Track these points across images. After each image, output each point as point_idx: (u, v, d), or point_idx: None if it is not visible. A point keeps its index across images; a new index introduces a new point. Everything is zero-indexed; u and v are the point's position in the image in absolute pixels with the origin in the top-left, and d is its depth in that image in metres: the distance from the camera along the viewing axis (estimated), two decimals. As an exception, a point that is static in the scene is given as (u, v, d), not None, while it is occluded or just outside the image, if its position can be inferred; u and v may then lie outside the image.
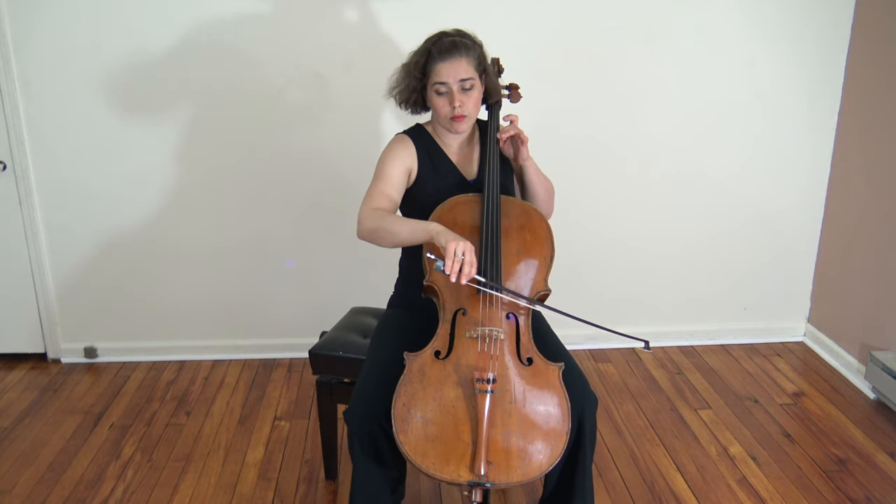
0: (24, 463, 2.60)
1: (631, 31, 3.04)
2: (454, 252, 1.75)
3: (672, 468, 2.56)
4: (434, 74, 2.03)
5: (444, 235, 1.81)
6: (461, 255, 1.76)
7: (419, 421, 1.78)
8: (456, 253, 1.75)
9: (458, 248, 1.76)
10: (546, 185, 2.20)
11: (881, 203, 3.00)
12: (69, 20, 2.89)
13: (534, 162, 2.15)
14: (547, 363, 1.88)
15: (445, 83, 2.02)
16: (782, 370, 3.23)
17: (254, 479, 2.52)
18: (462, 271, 1.76)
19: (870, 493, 2.43)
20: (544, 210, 2.23)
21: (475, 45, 2.07)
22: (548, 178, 2.22)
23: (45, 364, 3.30)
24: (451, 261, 1.75)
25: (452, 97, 2.03)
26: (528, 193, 2.20)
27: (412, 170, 2.13)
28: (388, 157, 2.12)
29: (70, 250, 3.18)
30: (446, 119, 2.08)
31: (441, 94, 2.04)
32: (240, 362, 3.31)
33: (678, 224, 3.31)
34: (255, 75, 2.99)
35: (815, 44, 3.12)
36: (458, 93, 2.03)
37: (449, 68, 2.01)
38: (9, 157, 3.04)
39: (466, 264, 1.76)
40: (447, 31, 2.08)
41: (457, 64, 2.01)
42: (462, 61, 2.02)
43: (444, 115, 2.07)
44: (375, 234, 1.96)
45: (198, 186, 3.12)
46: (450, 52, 2.02)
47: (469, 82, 2.04)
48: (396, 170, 2.09)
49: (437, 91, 2.05)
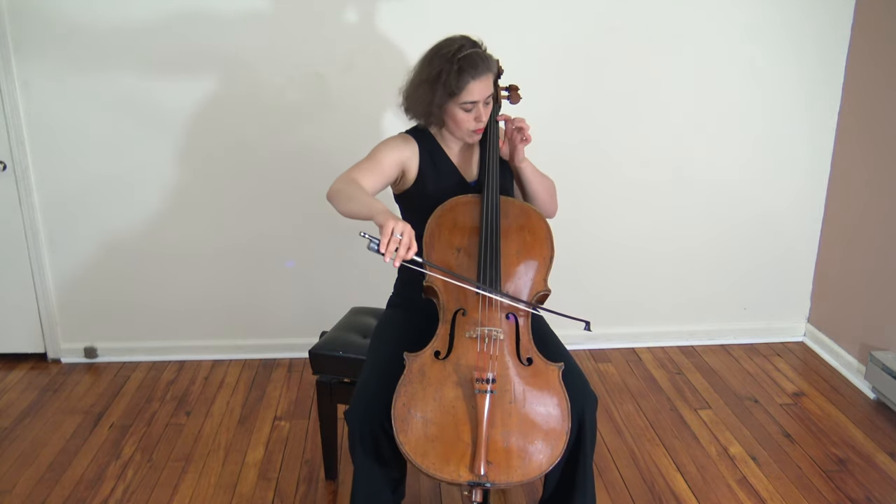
0: (24, 463, 2.60)
1: (630, 32, 3.04)
2: (391, 231, 1.71)
3: (672, 468, 2.56)
4: (465, 93, 1.98)
5: (383, 215, 1.78)
6: (399, 235, 1.72)
7: (419, 421, 1.78)
8: (393, 233, 1.71)
9: (397, 228, 1.72)
10: (545, 183, 2.20)
11: (881, 203, 3.00)
12: (69, 20, 2.89)
13: (530, 163, 2.15)
14: (547, 363, 1.88)
15: (476, 102, 2.00)
16: (782, 370, 3.23)
17: (254, 479, 2.52)
18: (398, 253, 1.72)
19: (870, 493, 2.43)
20: (547, 209, 2.23)
21: (494, 60, 2.06)
22: (547, 176, 2.21)
23: (45, 364, 3.30)
24: (386, 238, 1.71)
25: (479, 113, 2.02)
26: (528, 194, 2.20)
27: (408, 167, 2.12)
28: (385, 145, 2.11)
29: (70, 250, 3.18)
30: (468, 132, 2.06)
31: (468, 110, 2.02)
32: (240, 362, 3.31)
33: (678, 224, 3.31)
34: (255, 75, 2.99)
35: (815, 44, 3.12)
36: (483, 108, 2.03)
37: (481, 87, 1.99)
38: (9, 157, 3.04)
39: (402, 246, 1.72)
40: (463, 43, 2.01)
41: (486, 80, 2.00)
42: (489, 77, 2.01)
43: (468, 129, 2.05)
44: (337, 195, 1.94)
45: (198, 186, 3.12)
46: (480, 69, 1.98)
47: (490, 97, 2.04)
48: (389, 158, 2.08)
49: (464, 108, 2.01)
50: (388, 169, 2.08)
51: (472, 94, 1.98)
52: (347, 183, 1.96)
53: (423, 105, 2.04)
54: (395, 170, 2.10)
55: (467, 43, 2.02)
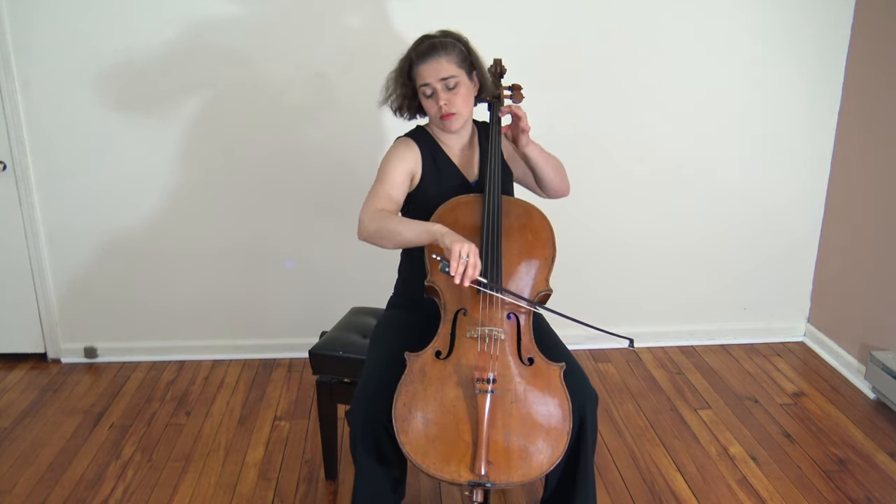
0: (24, 463, 2.60)
1: (630, 31, 3.04)
2: (459, 254, 1.76)
3: (672, 468, 2.56)
4: (418, 77, 2.07)
5: (448, 237, 1.82)
6: (465, 256, 1.77)
7: (420, 421, 1.78)
8: (461, 255, 1.76)
9: (463, 249, 1.77)
10: (554, 163, 2.21)
11: (881, 203, 3.00)
12: (69, 20, 2.89)
13: (536, 146, 2.15)
14: (548, 363, 1.88)
15: (428, 84, 2.05)
16: (782, 370, 3.23)
17: (254, 479, 2.52)
18: (466, 273, 1.77)
19: (870, 493, 2.43)
20: (559, 188, 2.25)
21: (457, 43, 2.09)
22: (554, 156, 2.22)
23: (45, 364, 3.30)
24: (455, 262, 1.76)
25: (438, 97, 2.06)
26: (538, 176, 2.21)
27: (415, 173, 2.13)
28: (391, 160, 2.12)
29: (70, 250, 3.18)
30: (437, 119, 2.10)
31: (428, 96, 2.07)
32: (240, 362, 3.31)
33: (678, 224, 3.31)
34: (255, 75, 2.99)
35: (815, 44, 3.12)
36: (442, 92, 2.05)
37: (429, 69, 2.04)
38: (9, 157, 3.04)
39: (470, 266, 1.77)
40: (429, 34, 2.11)
41: (436, 64, 2.04)
42: (441, 60, 2.04)
43: (434, 115, 2.10)
44: (378, 234, 1.96)
45: (198, 186, 3.12)
46: (429, 53, 2.05)
47: (452, 80, 2.05)
48: (399, 172, 2.09)
49: (423, 94, 2.08)
50: (402, 184, 2.10)
51: (423, 77, 2.05)
52: (381, 219, 1.97)
53: (395, 98, 2.16)
54: (407, 180, 2.13)
55: (433, 34, 2.11)
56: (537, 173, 2.20)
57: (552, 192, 2.26)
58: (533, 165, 2.17)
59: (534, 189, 2.31)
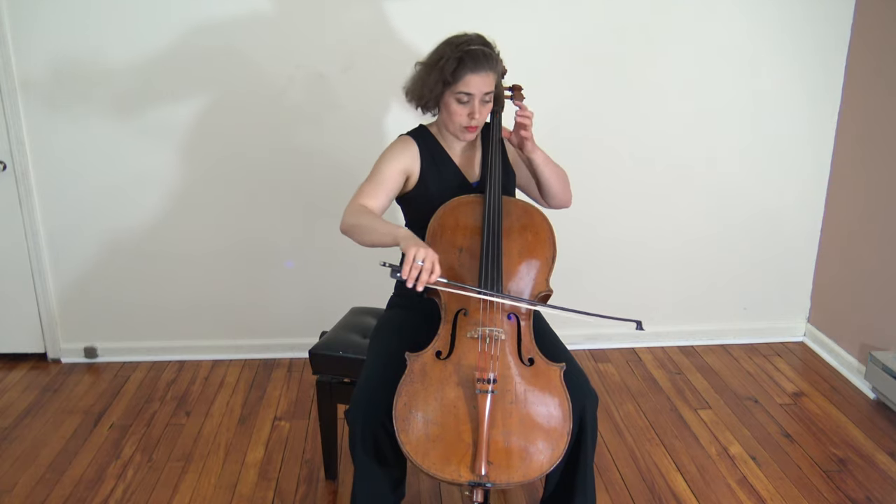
0: (24, 463, 2.60)
1: (631, 32, 3.04)
2: (412, 258, 1.75)
3: (672, 468, 2.57)
4: (462, 83, 1.99)
5: (406, 241, 1.81)
6: (420, 261, 1.76)
7: (420, 421, 1.78)
8: (415, 259, 1.75)
9: (419, 255, 1.76)
10: (558, 172, 2.20)
11: (881, 203, 3.00)
12: (69, 20, 2.88)
13: (542, 152, 2.14)
14: (548, 364, 1.88)
15: (471, 94, 2.00)
16: (782, 370, 3.23)
17: (254, 479, 2.52)
18: (420, 278, 1.76)
19: (870, 493, 2.43)
20: (562, 198, 2.24)
21: (499, 60, 2.07)
22: (559, 166, 2.21)
23: (45, 364, 3.30)
24: (407, 266, 1.75)
25: (473, 109, 2.02)
26: (541, 183, 2.20)
27: (411, 172, 2.12)
28: (386, 158, 2.11)
29: (70, 250, 3.18)
30: (459, 127, 2.06)
31: (462, 102, 2.02)
32: (240, 362, 3.31)
33: (678, 224, 3.32)
34: (256, 75, 2.99)
35: (815, 44, 3.12)
36: (479, 105, 2.02)
37: (479, 81, 1.99)
38: (9, 157, 3.04)
39: (425, 271, 1.75)
40: (472, 38, 2.03)
41: (486, 77, 1.99)
42: (491, 74, 2.01)
43: (459, 123, 2.05)
44: (353, 230, 1.96)
45: (198, 186, 3.12)
46: (483, 64, 1.98)
47: (490, 95, 2.03)
48: (392, 171, 2.08)
49: (459, 99, 2.01)
50: (393, 182, 2.08)
51: (469, 85, 1.98)
52: (359, 214, 1.96)
53: (419, 87, 2.06)
54: (400, 179, 2.10)
55: (478, 40, 2.03)
56: (540, 180, 2.19)
57: (554, 200, 2.25)
58: (537, 171, 2.17)
59: (536, 198, 2.29)
